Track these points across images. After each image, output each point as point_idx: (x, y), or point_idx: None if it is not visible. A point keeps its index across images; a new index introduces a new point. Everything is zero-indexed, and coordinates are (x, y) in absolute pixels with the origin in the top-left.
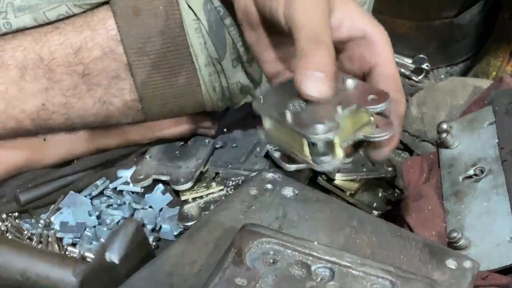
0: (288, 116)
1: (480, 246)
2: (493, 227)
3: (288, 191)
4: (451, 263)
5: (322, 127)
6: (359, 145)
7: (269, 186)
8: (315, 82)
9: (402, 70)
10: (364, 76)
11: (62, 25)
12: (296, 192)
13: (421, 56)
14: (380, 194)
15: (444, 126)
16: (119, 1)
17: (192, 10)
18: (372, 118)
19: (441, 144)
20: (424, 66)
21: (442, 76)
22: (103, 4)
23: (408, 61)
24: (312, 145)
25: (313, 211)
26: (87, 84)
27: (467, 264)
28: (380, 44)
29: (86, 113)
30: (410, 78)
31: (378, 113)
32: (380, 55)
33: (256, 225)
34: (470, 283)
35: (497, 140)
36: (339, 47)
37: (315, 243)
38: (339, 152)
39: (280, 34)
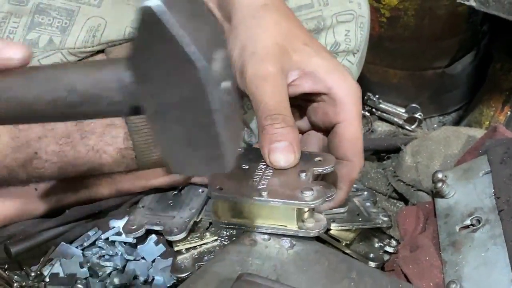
0: (264, 193)
1: None
2: (491, 278)
3: (285, 242)
4: None
5: (311, 194)
6: None
7: (265, 236)
8: (280, 153)
9: (396, 119)
10: (327, 130)
11: None
12: (294, 242)
13: (414, 105)
14: (376, 244)
15: (440, 175)
16: (114, 50)
17: None
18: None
19: (436, 193)
20: (417, 115)
21: (435, 125)
22: (97, 53)
23: (401, 110)
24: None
25: (311, 263)
26: (80, 132)
27: None
28: (343, 101)
29: (79, 161)
30: (403, 128)
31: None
32: (342, 114)
33: (253, 275)
34: None
35: (493, 190)
36: (305, 98)
37: None
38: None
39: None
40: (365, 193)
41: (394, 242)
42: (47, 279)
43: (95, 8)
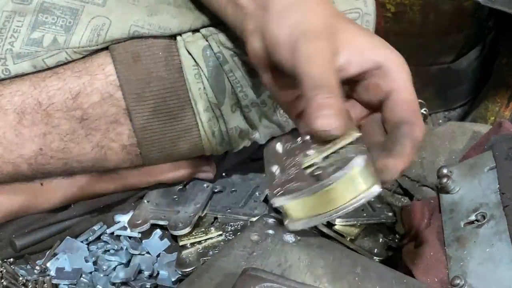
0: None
1: None
2: (496, 274)
3: (290, 237)
4: None
5: (362, 157)
6: None
7: (270, 231)
8: (324, 118)
9: None
10: (381, 103)
11: (61, 70)
12: (298, 237)
13: (419, 101)
14: (380, 239)
15: (445, 171)
16: (119, 47)
17: (192, 56)
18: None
19: (441, 189)
20: (422, 110)
21: (440, 121)
22: (102, 49)
23: None
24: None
25: (316, 258)
26: (85, 129)
27: None
28: (394, 70)
29: (84, 158)
30: None
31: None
32: (393, 81)
33: (257, 270)
34: None
35: (498, 186)
36: (355, 80)
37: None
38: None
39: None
40: None
41: (399, 238)
42: (53, 273)
43: (100, 7)
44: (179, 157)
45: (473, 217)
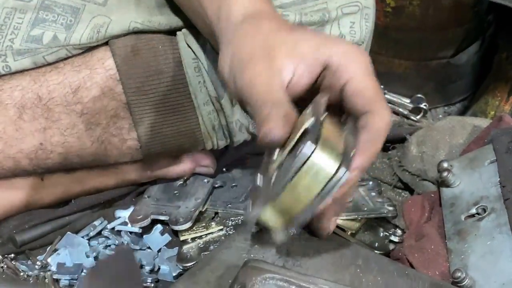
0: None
1: (485, 286)
2: (497, 267)
3: (291, 229)
4: None
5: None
6: None
7: None
8: (263, 128)
9: (400, 109)
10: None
11: (61, 65)
12: (300, 230)
13: (419, 95)
14: (381, 234)
15: (445, 165)
16: (118, 41)
17: (191, 49)
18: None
19: (442, 183)
20: (422, 105)
21: (440, 116)
22: (101, 44)
23: (406, 100)
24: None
25: (317, 249)
26: (85, 123)
27: None
28: (341, 64)
29: (84, 152)
30: (408, 118)
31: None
32: (342, 75)
33: (259, 261)
34: None
35: (499, 179)
36: (318, 85)
37: (320, 278)
38: None
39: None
40: (370, 183)
41: (399, 232)
42: (53, 269)
43: (101, 6)
44: (179, 151)
45: (473, 211)
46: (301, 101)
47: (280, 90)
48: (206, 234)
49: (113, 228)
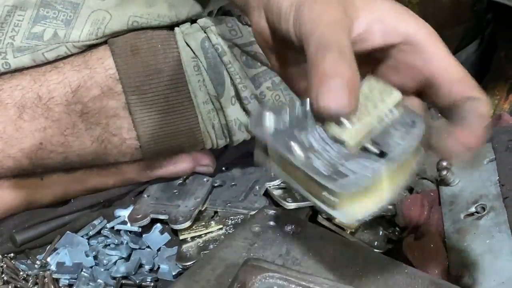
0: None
1: (484, 284)
2: (497, 265)
3: (291, 228)
4: None
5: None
6: None
7: (271, 223)
8: (330, 93)
9: None
10: (421, 88)
11: (61, 64)
12: (299, 229)
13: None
14: (380, 232)
15: (444, 163)
16: (118, 41)
17: (190, 48)
18: None
19: (441, 181)
20: None
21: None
22: (101, 43)
23: None
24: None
25: (317, 249)
26: (85, 123)
27: None
28: (430, 45)
29: (84, 152)
30: None
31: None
32: (432, 59)
33: (259, 260)
34: None
35: (498, 177)
36: (379, 57)
37: (320, 277)
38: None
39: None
40: None
41: (398, 230)
42: (53, 268)
43: (100, 1)
44: (179, 150)
45: (473, 209)
46: None
47: (348, 37)
48: (205, 233)
49: (112, 227)
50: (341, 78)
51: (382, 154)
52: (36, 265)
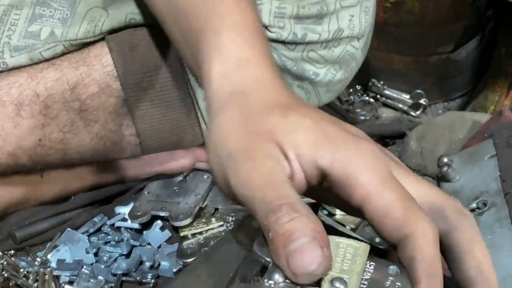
0: None
1: None
2: (498, 261)
3: None
4: None
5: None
6: None
7: None
8: (304, 254)
9: (400, 105)
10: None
11: (58, 62)
12: None
13: (419, 91)
14: None
15: (445, 159)
16: (115, 37)
17: None
18: None
19: (442, 177)
20: (422, 101)
21: (440, 111)
22: (98, 40)
23: (405, 96)
24: None
25: None
26: (84, 120)
27: None
28: (347, 178)
29: (83, 148)
30: (408, 113)
31: None
32: (355, 191)
33: (260, 255)
34: None
35: (499, 173)
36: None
37: None
38: None
39: None
40: None
41: None
42: (53, 265)
43: None
44: (178, 146)
45: (474, 205)
46: None
47: (289, 185)
48: (206, 230)
49: (113, 225)
50: (304, 233)
51: None
52: (36, 262)
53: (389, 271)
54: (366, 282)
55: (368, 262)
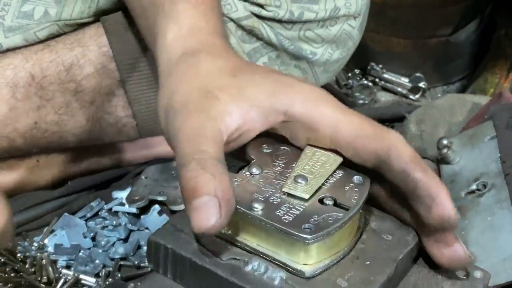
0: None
1: (485, 261)
2: (498, 242)
3: None
4: (461, 273)
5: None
6: None
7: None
8: (199, 213)
9: (399, 89)
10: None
11: (53, 43)
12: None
13: (418, 74)
14: None
15: (445, 141)
16: (110, 18)
17: None
18: None
19: (441, 160)
20: (421, 84)
21: (439, 95)
22: (93, 21)
23: (404, 80)
24: None
25: None
26: (79, 101)
27: (478, 274)
28: (310, 115)
29: (79, 131)
30: (407, 97)
31: None
32: (319, 128)
33: None
34: None
35: (499, 154)
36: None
37: None
38: None
39: None
40: None
41: None
42: (51, 250)
43: None
44: None
45: (474, 187)
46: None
47: (211, 144)
48: None
49: (110, 209)
50: (205, 191)
51: (338, 206)
52: (33, 247)
53: (353, 180)
54: (328, 184)
55: (338, 170)
